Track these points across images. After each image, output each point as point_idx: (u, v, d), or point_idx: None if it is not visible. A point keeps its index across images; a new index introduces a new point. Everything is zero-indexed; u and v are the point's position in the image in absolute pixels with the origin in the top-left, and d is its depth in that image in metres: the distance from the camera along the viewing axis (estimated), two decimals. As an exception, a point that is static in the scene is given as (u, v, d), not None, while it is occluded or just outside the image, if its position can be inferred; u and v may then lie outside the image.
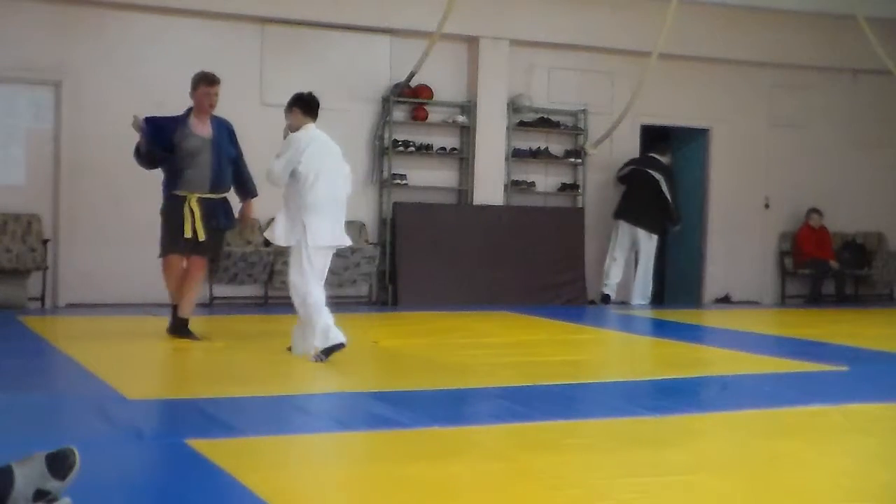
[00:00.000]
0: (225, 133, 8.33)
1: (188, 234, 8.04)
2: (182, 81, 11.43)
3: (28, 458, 3.51)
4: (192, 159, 8.11)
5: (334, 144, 7.70)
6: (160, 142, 8.12)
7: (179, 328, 8.28)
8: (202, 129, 8.23)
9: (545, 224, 12.76)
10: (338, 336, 7.29)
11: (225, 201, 8.30)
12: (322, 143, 7.58)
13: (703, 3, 13.02)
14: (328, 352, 7.27)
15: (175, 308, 8.37)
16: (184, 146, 8.11)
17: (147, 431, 5.04)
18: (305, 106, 7.61)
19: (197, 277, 8.35)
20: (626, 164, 13.11)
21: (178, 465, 4.44)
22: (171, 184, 8.19)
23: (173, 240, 8.16)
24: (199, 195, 8.10)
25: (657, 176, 12.96)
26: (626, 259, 13.05)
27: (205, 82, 8.31)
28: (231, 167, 8.34)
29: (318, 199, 7.39)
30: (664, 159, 13.20)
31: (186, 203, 8.07)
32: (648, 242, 13.06)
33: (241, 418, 5.48)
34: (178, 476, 4.26)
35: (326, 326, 7.28)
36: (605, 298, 12.90)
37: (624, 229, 13.01)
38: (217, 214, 8.19)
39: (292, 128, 7.60)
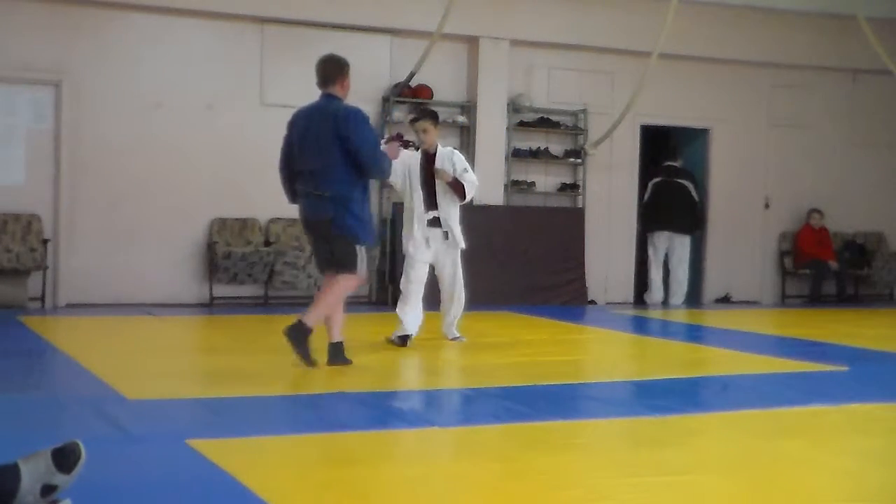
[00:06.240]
0: None
1: None
2: (182, 81, 11.55)
3: (34, 454, 3.53)
4: None
5: None
6: None
7: None
8: None
9: (545, 224, 12.75)
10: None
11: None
12: None
13: (703, 3, 13.02)
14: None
15: None
16: None
17: (147, 431, 5.04)
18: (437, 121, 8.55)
19: None
20: (651, 184, 13.39)
21: (178, 465, 4.44)
22: None
23: None
24: None
25: (686, 183, 13.27)
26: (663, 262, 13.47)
27: None
28: None
29: None
30: (679, 163, 13.43)
31: None
32: (682, 245, 13.37)
33: (241, 418, 5.48)
34: (178, 476, 4.26)
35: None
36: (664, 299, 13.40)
37: (662, 237, 13.30)
38: None
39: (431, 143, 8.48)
